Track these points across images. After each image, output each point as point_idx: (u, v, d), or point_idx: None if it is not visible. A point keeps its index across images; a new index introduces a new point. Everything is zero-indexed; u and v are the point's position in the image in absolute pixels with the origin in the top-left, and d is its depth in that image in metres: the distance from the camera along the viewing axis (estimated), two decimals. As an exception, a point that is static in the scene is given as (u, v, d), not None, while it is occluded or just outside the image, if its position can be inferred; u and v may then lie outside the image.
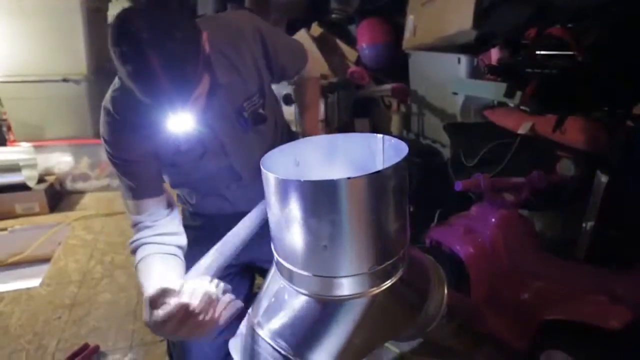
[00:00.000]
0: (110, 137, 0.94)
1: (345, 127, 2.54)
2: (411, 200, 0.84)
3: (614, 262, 1.33)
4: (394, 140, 0.79)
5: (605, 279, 1.18)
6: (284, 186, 0.65)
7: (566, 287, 1.24)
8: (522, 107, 1.62)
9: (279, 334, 0.73)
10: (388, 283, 0.72)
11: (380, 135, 0.81)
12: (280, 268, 0.75)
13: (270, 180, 0.67)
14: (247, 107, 1.05)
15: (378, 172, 0.63)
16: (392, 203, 0.67)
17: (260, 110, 1.08)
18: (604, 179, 1.32)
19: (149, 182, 0.97)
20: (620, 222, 1.35)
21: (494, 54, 1.80)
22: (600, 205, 1.33)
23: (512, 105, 1.71)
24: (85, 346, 1.50)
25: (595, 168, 1.37)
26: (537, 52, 1.58)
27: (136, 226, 0.98)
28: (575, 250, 1.43)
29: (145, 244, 0.94)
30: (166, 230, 0.97)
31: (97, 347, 1.50)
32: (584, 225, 1.39)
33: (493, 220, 1.45)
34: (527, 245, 1.44)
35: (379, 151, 0.82)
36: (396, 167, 0.65)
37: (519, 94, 1.59)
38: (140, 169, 0.95)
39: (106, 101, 0.95)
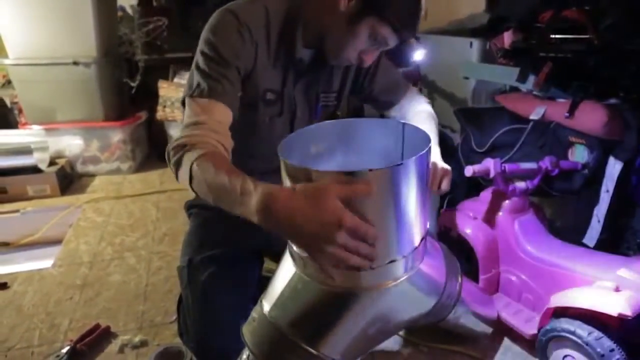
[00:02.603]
0: (223, 35, 0.92)
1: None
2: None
3: (624, 249, 1.31)
4: (414, 127, 0.78)
5: (616, 266, 1.17)
6: (301, 174, 0.63)
7: (575, 275, 1.23)
8: (534, 92, 1.60)
9: (292, 323, 0.72)
10: (405, 276, 0.70)
11: (400, 122, 0.80)
12: (295, 257, 0.74)
13: (287, 166, 0.66)
14: (322, 98, 1.11)
15: (401, 164, 0.60)
16: (413, 195, 0.64)
17: (337, 112, 1.17)
18: (617, 165, 1.30)
19: (232, 92, 0.93)
20: (632, 209, 1.33)
21: (507, 38, 1.76)
22: (613, 193, 1.31)
23: (524, 90, 1.68)
24: (97, 326, 1.52)
25: (608, 154, 1.34)
26: (552, 36, 1.54)
27: (195, 125, 0.83)
28: (586, 238, 1.42)
29: (211, 144, 0.80)
30: (228, 144, 0.86)
31: (107, 328, 1.53)
32: (595, 212, 1.37)
33: (503, 206, 1.44)
34: (538, 232, 1.43)
35: (399, 138, 0.80)
36: (420, 158, 0.63)
37: (531, 78, 1.56)
38: (232, 76, 0.92)
39: (233, 6, 0.95)
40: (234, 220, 0.77)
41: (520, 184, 1.40)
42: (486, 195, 1.48)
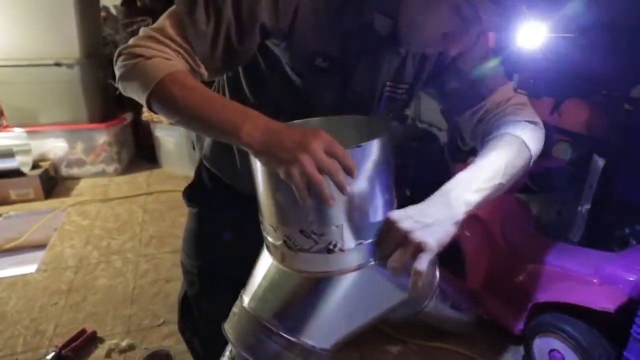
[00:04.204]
0: None
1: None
2: (408, 184, 0.84)
3: (608, 244, 1.33)
4: (379, 119, 0.79)
5: (599, 261, 1.19)
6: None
7: (560, 270, 1.25)
8: (519, 91, 1.61)
9: (272, 313, 0.73)
10: (374, 261, 0.72)
11: (365, 117, 0.82)
12: (271, 249, 0.76)
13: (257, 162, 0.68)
14: (388, 88, 0.86)
15: (359, 146, 0.64)
16: (375, 179, 0.68)
17: (406, 111, 0.94)
18: (600, 162, 1.32)
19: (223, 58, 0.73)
20: (616, 205, 1.35)
21: (491, 37, 1.77)
22: (596, 189, 1.33)
23: (509, 88, 1.69)
24: (83, 331, 1.50)
25: (592, 152, 1.36)
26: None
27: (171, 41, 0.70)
28: (571, 234, 1.43)
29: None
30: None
31: (94, 332, 1.51)
32: (579, 208, 1.39)
33: (490, 204, 1.45)
34: (524, 229, 1.44)
35: (367, 131, 0.81)
36: (379, 143, 0.67)
37: (516, 77, 1.58)
38: (246, 33, 0.71)
39: None
40: (235, 210, 0.74)
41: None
42: (473, 193, 1.49)
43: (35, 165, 2.65)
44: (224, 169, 0.97)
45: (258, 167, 0.69)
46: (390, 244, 0.68)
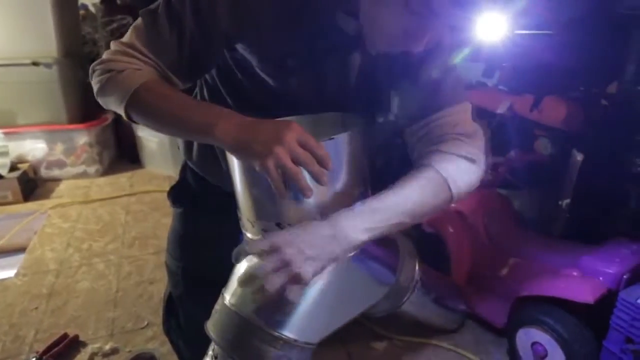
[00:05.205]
0: None
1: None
2: (392, 181, 0.84)
3: (588, 237, 1.36)
4: (353, 116, 0.80)
5: (580, 254, 1.21)
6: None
7: (542, 264, 1.27)
8: (500, 87, 1.63)
9: (254, 309, 0.73)
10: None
11: (340, 114, 0.82)
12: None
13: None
14: (365, 86, 0.81)
15: (331, 138, 0.66)
16: (349, 171, 0.69)
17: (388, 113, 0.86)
18: (579, 157, 1.34)
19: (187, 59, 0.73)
20: (594, 199, 1.38)
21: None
22: (576, 183, 1.36)
23: (490, 85, 1.72)
24: (64, 336, 1.47)
25: (571, 146, 1.39)
26: (516, 32, 1.57)
27: (137, 53, 0.72)
28: (552, 227, 1.46)
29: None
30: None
31: (76, 337, 1.48)
32: (560, 202, 1.42)
33: (473, 199, 1.47)
34: (506, 224, 1.47)
35: (342, 129, 0.82)
36: (350, 135, 0.68)
37: (497, 73, 1.60)
38: (200, 42, 0.71)
39: None
40: (220, 211, 0.76)
41: (488, 177, 1.43)
42: (456, 189, 1.51)
43: (13, 167, 2.59)
44: (212, 173, 0.96)
45: (234, 163, 0.69)
46: (269, 265, 0.64)
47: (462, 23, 0.66)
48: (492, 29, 1.00)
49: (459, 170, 0.74)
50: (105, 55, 0.74)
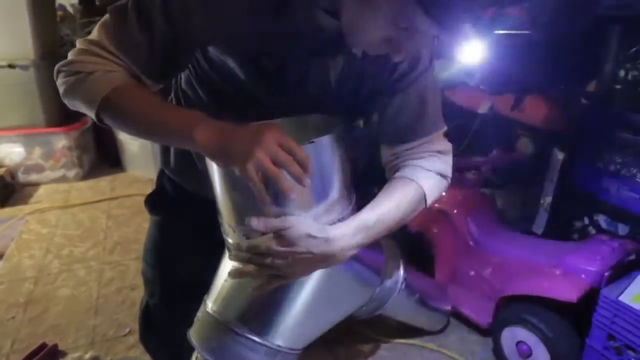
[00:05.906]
0: None
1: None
2: (375, 182, 0.83)
3: (570, 235, 1.37)
4: (334, 119, 0.79)
5: (562, 252, 1.22)
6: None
7: (525, 262, 1.28)
8: (481, 87, 1.64)
9: (235, 316, 0.73)
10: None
11: (321, 116, 0.81)
12: (231, 249, 0.74)
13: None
14: (347, 88, 0.80)
15: (311, 142, 0.65)
16: (330, 174, 0.69)
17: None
18: (560, 155, 1.36)
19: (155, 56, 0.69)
20: (576, 196, 1.39)
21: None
22: (557, 181, 1.37)
23: (471, 84, 1.72)
24: (43, 345, 1.43)
25: (552, 145, 1.40)
26: (496, 32, 1.59)
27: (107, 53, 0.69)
28: (534, 225, 1.47)
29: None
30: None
31: (55, 346, 1.44)
32: (542, 200, 1.43)
33: (456, 199, 1.47)
34: (490, 223, 1.47)
35: (324, 131, 0.81)
36: (330, 138, 0.67)
37: (477, 74, 1.60)
38: (166, 38, 0.67)
39: None
40: (197, 218, 0.75)
41: (471, 177, 1.44)
42: (439, 189, 1.51)
43: (-11, 172, 2.53)
44: (190, 180, 0.94)
45: (214, 168, 0.68)
46: (265, 256, 0.66)
47: (448, 42, 0.68)
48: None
49: (434, 186, 0.81)
50: (71, 55, 0.69)
